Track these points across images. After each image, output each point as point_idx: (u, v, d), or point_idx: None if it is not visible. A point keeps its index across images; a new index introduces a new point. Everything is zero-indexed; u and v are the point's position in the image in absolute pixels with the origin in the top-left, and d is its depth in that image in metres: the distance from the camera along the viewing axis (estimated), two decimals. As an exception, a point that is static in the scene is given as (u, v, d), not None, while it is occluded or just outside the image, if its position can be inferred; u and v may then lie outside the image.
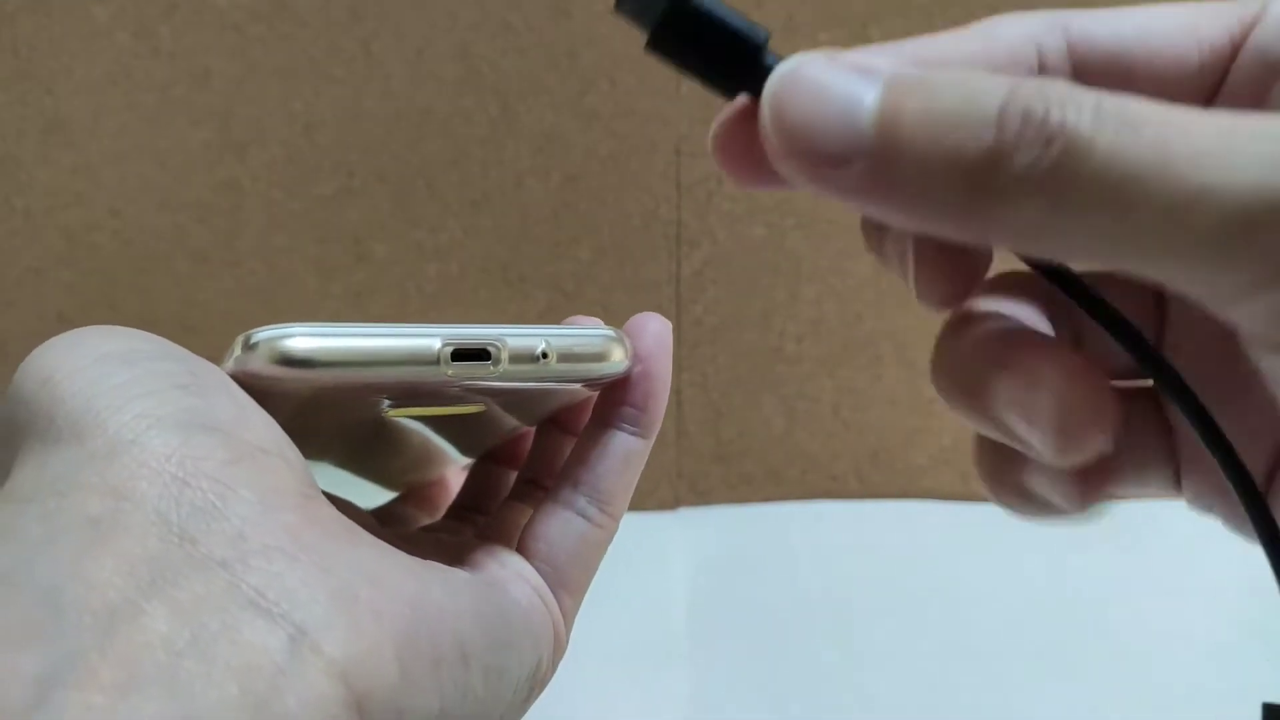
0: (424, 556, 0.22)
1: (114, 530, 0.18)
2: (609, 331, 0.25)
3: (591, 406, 0.28)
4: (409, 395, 0.25)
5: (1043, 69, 0.19)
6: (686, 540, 0.57)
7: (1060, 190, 0.15)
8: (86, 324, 0.59)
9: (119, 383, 0.20)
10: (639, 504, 0.52)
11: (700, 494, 0.60)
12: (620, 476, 0.28)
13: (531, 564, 0.27)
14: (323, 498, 0.21)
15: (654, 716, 0.46)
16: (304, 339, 0.22)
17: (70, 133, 0.56)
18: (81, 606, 0.17)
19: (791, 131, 0.17)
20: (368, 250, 0.57)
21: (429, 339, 0.23)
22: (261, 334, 0.22)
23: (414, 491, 0.35)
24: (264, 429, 0.21)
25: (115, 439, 0.19)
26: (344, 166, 0.56)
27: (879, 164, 0.16)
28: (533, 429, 0.31)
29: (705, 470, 0.60)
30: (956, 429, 0.59)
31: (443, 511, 0.34)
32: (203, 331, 0.58)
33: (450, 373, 0.23)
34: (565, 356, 0.24)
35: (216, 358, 0.23)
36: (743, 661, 0.48)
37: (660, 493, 0.60)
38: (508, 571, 0.26)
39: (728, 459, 0.60)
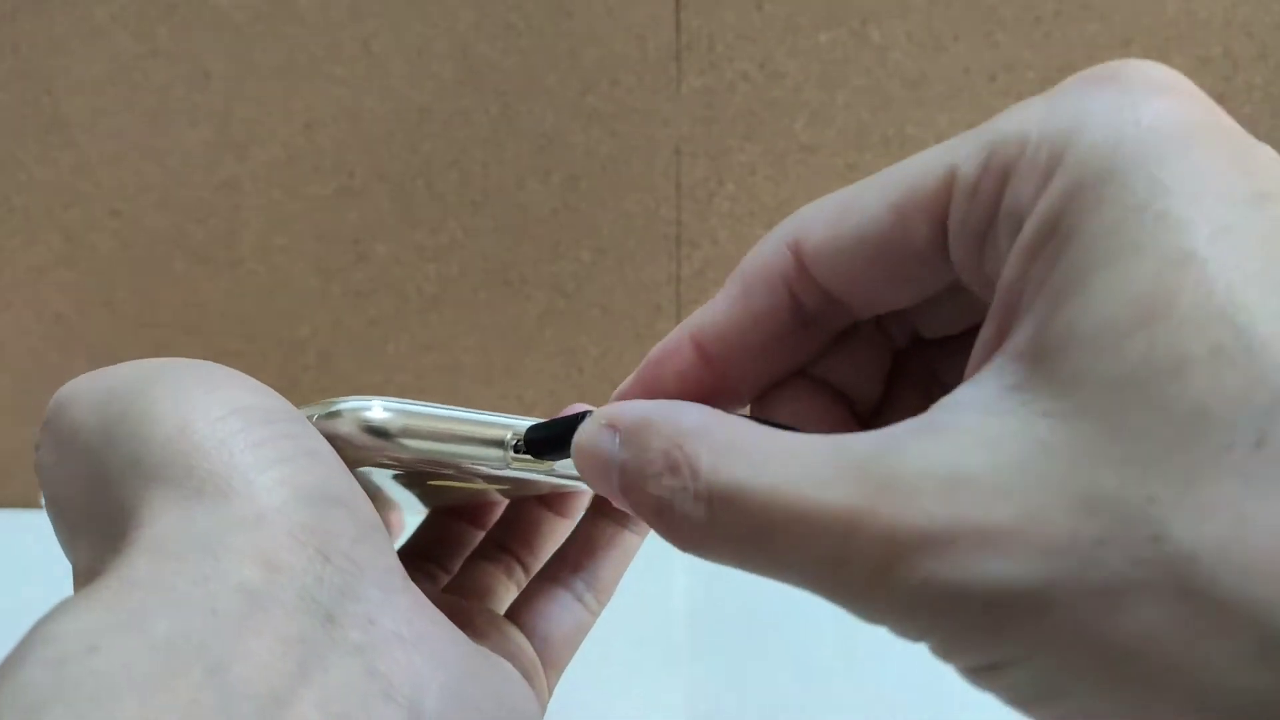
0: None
1: (269, 604, 0.18)
2: None
3: (586, 495, 0.29)
4: (443, 472, 0.25)
5: (793, 293, 0.20)
6: (686, 541, 0.57)
7: (716, 559, 0.18)
8: (85, 325, 0.59)
9: (257, 441, 0.20)
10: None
11: (700, 494, 0.60)
12: (618, 570, 0.30)
13: (528, 639, 0.28)
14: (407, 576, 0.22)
15: (654, 717, 0.46)
16: (386, 412, 0.23)
17: (69, 132, 0.56)
18: (246, 691, 0.17)
19: (590, 480, 0.21)
20: (367, 250, 0.57)
21: (503, 429, 0.24)
22: (345, 404, 0.23)
23: None
24: (368, 503, 0.21)
25: (263, 505, 0.19)
26: (344, 166, 0.56)
27: (628, 502, 0.20)
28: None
29: (705, 471, 0.60)
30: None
31: None
32: (202, 332, 0.58)
33: (512, 465, 0.24)
34: None
35: (216, 357, 0.23)
36: (743, 661, 0.48)
37: (660, 493, 0.60)
38: (511, 646, 0.27)
39: (727, 459, 0.60)
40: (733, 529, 0.17)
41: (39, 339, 0.58)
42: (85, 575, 0.22)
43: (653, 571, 0.56)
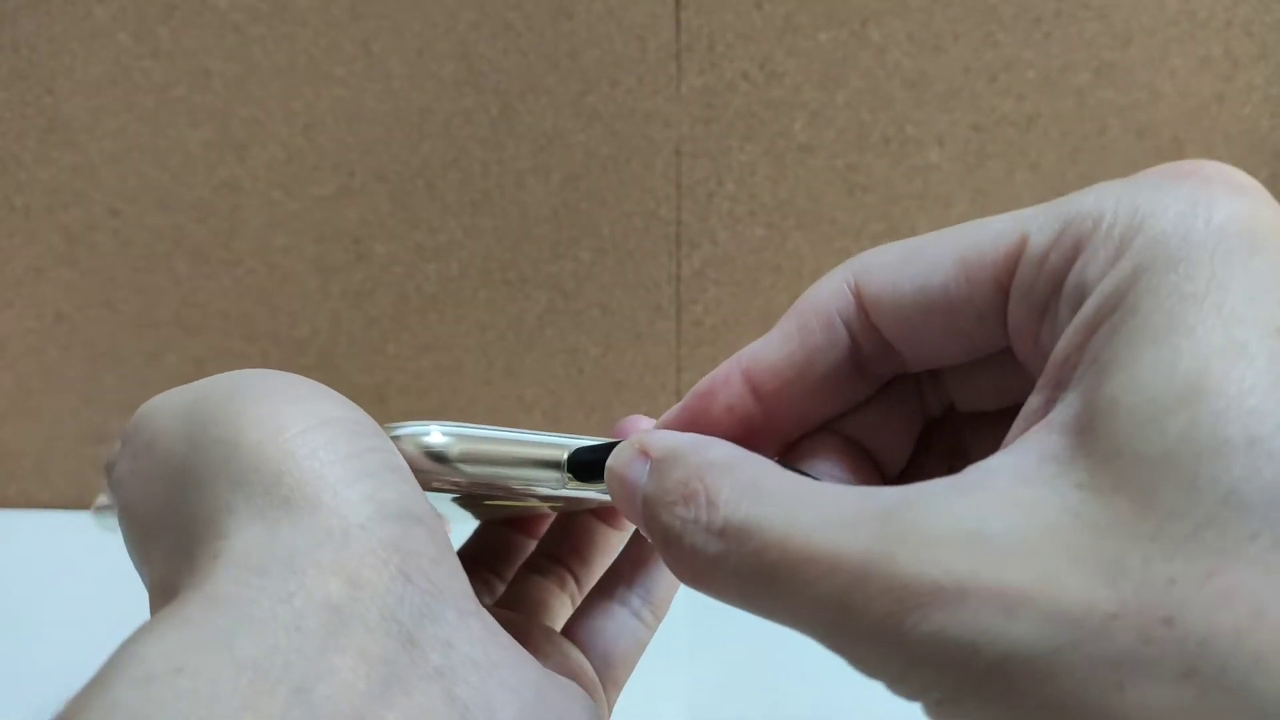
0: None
1: (352, 622, 0.18)
2: None
3: None
4: (497, 493, 0.26)
5: (851, 333, 0.21)
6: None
7: (721, 595, 0.19)
8: (86, 324, 0.59)
9: (346, 454, 0.20)
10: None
11: (700, 494, 0.60)
12: (673, 584, 0.29)
13: (586, 656, 0.28)
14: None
15: (654, 716, 0.46)
16: (445, 436, 0.23)
17: (70, 132, 0.56)
18: (331, 710, 0.17)
19: (619, 505, 0.21)
20: (367, 250, 0.57)
21: (558, 449, 0.24)
22: (404, 429, 0.23)
23: None
24: (441, 523, 0.21)
25: (349, 520, 0.19)
26: (344, 166, 0.56)
27: (646, 528, 0.20)
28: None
29: (705, 470, 0.60)
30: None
31: None
32: (202, 331, 0.58)
33: (568, 485, 0.24)
34: None
35: (216, 357, 0.23)
36: (743, 661, 0.48)
37: (660, 493, 0.60)
38: (572, 665, 0.27)
39: (727, 459, 0.60)
40: (743, 565, 0.17)
41: (39, 338, 0.58)
42: (160, 588, 0.21)
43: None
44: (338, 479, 0.20)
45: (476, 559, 0.33)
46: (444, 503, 0.30)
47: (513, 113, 0.56)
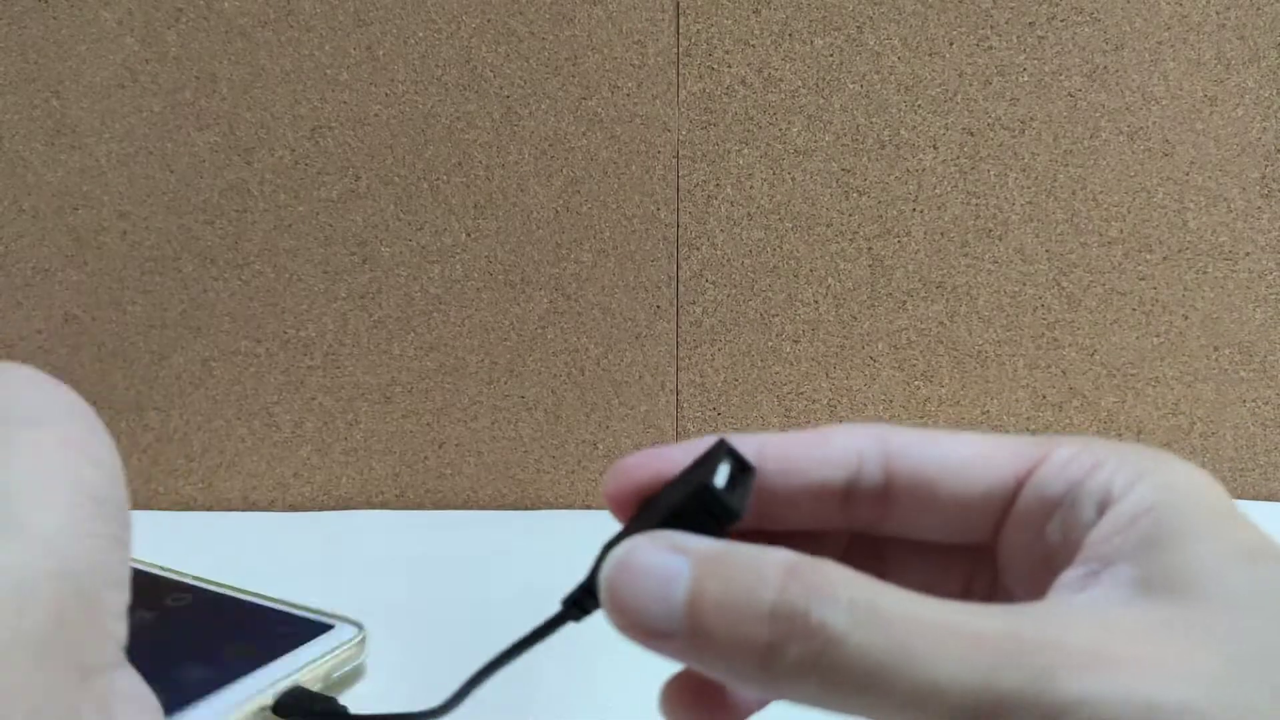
0: None
1: None
2: None
3: None
4: None
5: (861, 472, 0.23)
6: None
7: (824, 675, 0.18)
8: (94, 325, 0.60)
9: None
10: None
11: (699, 492, 0.61)
12: None
13: None
14: None
15: (654, 716, 0.47)
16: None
17: (78, 135, 0.56)
18: None
19: (624, 612, 0.20)
20: (373, 252, 0.58)
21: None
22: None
23: None
24: None
25: None
26: (349, 170, 0.57)
27: (693, 642, 0.19)
28: None
29: (704, 468, 0.60)
30: (950, 429, 0.60)
31: None
32: (210, 332, 0.58)
33: None
34: None
35: (223, 358, 0.24)
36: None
37: (660, 490, 0.60)
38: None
39: (726, 457, 0.60)
40: (878, 639, 0.18)
41: (48, 339, 0.58)
42: None
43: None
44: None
45: None
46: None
47: (515, 117, 0.56)
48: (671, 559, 0.20)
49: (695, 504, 0.21)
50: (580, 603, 0.23)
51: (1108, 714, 0.17)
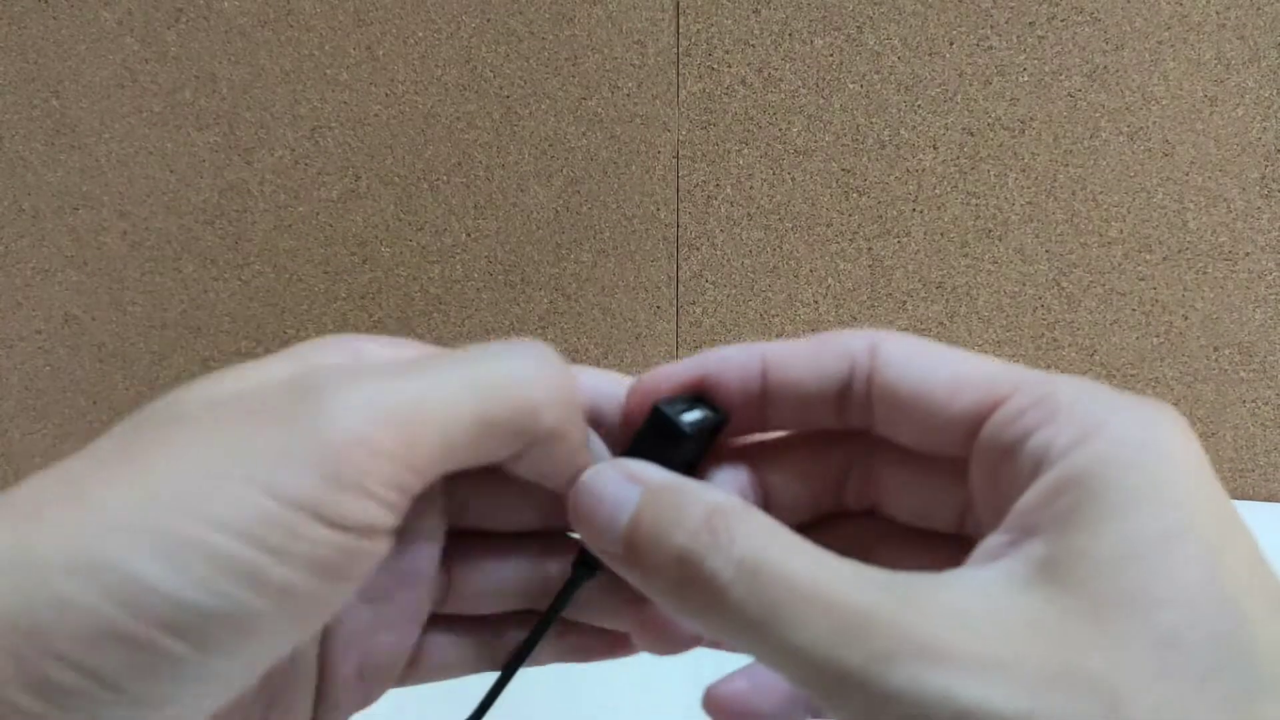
0: None
1: None
2: None
3: None
4: None
5: (852, 379, 0.24)
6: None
7: (714, 620, 0.20)
8: (94, 325, 0.59)
9: None
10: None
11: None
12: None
13: None
14: None
15: (654, 716, 0.47)
16: None
17: (78, 135, 0.56)
18: None
19: (582, 530, 0.22)
20: (373, 252, 0.58)
21: None
22: None
23: None
24: None
25: None
26: (349, 170, 0.57)
27: (627, 566, 0.21)
28: None
29: (704, 468, 0.61)
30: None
31: None
32: (210, 333, 0.58)
33: None
34: None
35: (224, 358, 0.24)
36: (743, 660, 0.49)
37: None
38: None
39: (726, 457, 0.61)
40: (749, 597, 0.19)
41: (48, 339, 0.58)
42: None
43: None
44: None
45: None
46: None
47: (515, 117, 0.56)
48: (625, 488, 0.22)
49: (650, 427, 0.23)
50: (586, 562, 0.25)
51: (919, 713, 0.17)
